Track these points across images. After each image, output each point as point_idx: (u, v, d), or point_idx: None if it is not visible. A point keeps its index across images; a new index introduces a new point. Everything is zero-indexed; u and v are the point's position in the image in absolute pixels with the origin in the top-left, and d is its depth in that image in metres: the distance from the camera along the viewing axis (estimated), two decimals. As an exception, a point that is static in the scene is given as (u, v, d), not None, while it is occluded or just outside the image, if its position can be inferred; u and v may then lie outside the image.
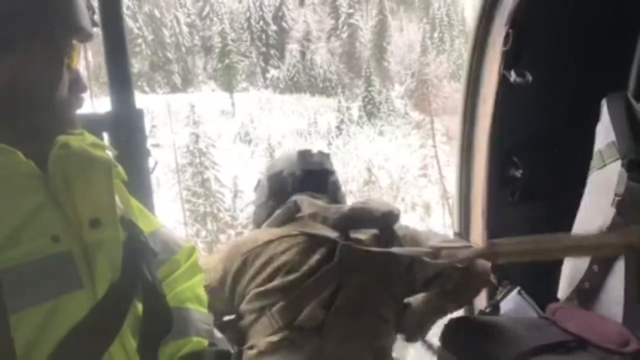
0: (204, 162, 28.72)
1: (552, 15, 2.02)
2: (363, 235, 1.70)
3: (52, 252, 0.93)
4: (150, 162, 1.52)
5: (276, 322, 1.58)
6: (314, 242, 1.67)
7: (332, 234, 1.67)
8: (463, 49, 39.13)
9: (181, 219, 25.93)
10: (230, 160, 30.38)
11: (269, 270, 1.62)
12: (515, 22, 2.00)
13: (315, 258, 1.64)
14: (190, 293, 1.24)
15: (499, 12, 2.03)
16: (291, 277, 1.60)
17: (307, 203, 1.74)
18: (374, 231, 1.71)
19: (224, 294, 1.67)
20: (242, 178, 28.51)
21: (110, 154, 1.11)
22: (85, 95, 1.04)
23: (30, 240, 0.91)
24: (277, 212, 1.77)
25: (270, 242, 1.67)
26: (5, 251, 0.88)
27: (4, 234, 0.89)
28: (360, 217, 1.72)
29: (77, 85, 1.02)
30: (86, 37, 1.03)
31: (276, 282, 1.60)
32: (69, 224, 0.97)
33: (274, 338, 1.57)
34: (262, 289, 1.61)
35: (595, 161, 1.94)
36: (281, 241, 1.67)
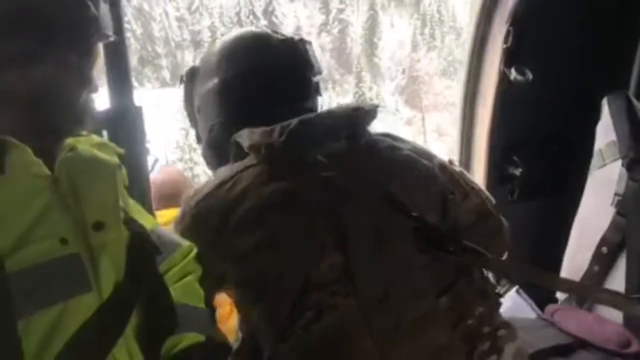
0: (193, 158, 28.55)
1: (553, 13, 2.01)
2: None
3: (61, 254, 0.92)
4: (150, 160, 1.49)
5: None
6: None
7: None
8: (454, 45, 39.30)
9: (171, 215, 25.77)
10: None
11: None
12: (515, 19, 1.99)
13: None
14: (186, 288, 1.21)
15: (499, 9, 2.02)
16: None
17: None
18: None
19: None
20: (232, 173, 28.36)
21: (116, 154, 1.11)
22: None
23: (39, 242, 0.90)
24: None
25: None
26: (16, 253, 0.87)
27: (15, 235, 0.88)
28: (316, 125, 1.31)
29: (91, 86, 1.02)
30: (107, 39, 1.04)
31: None
32: (77, 226, 0.96)
33: None
34: None
35: (595, 160, 1.94)
36: None
